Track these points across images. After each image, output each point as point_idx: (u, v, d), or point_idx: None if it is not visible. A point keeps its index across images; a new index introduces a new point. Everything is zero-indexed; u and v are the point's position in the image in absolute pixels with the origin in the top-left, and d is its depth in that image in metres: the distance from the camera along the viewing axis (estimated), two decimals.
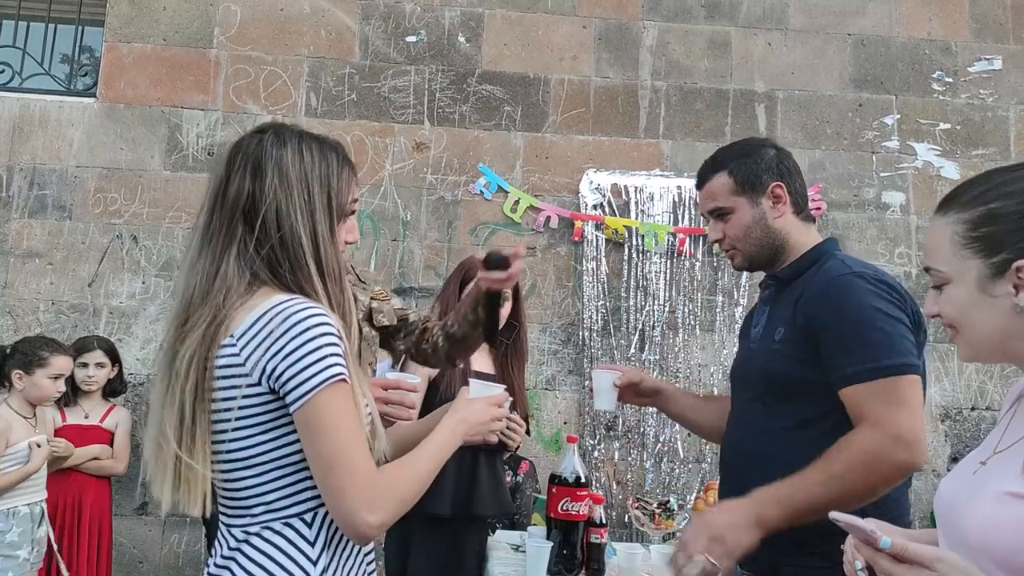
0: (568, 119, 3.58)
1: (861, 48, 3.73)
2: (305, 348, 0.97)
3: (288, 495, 1.03)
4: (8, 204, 3.31)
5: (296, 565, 1.01)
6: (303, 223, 1.06)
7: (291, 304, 0.99)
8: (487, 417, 1.26)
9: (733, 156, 1.56)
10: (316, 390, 0.97)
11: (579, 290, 3.46)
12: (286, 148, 1.09)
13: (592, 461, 3.32)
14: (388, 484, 1.02)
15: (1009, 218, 0.84)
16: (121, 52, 3.43)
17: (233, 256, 1.05)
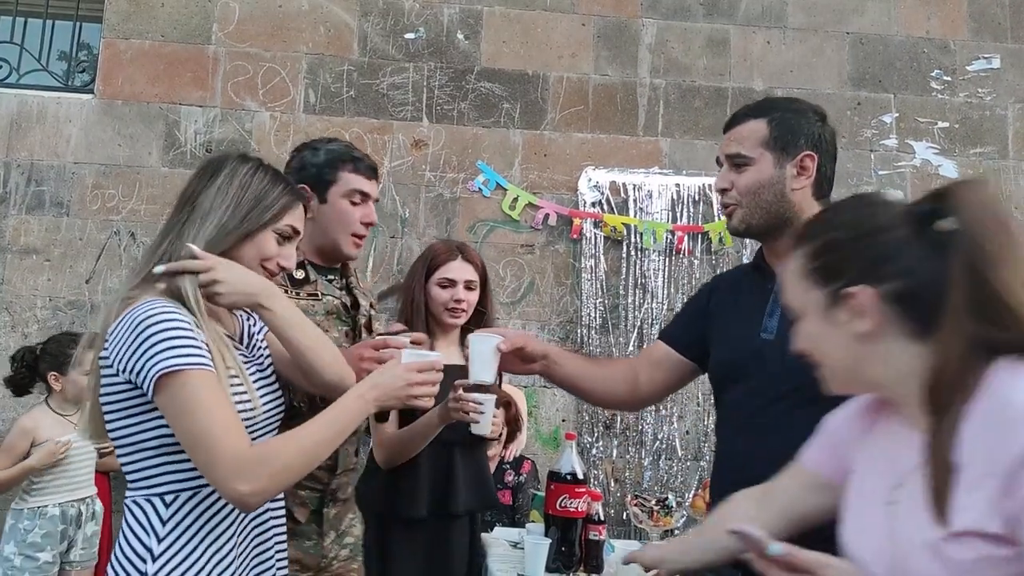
0: (567, 117, 3.58)
1: (860, 47, 3.74)
2: (145, 344, 1.09)
3: (149, 475, 1.15)
4: (5, 200, 3.31)
5: (138, 540, 1.13)
6: (219, 216, 1.20)
7: (141, 306, 1.12)
8: (403, 382, 1.26)
9: (778, 107, 1.42)
10: (155, 379, 1.08)
11: (577, 288, 3.47)
12: (246, 163, 1.25)
13: (590, 459, 3.32)
14: (262, 454, 1.11)
15: (842, 246, 0.86)
16: (119, 48, 3.42)
17: (161, 245, 1.20)
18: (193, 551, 1.14)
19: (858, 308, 0.83)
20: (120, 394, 1.14)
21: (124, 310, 1.13)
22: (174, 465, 1.14)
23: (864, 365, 0.85)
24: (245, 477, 1.07)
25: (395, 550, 1.90)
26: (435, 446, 1.91)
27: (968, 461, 0.74)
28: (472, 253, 2.04)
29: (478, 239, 3.46)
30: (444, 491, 1.92)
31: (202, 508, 1.15)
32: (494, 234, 3.49)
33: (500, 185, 3.50)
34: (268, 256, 1.24)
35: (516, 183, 3.51)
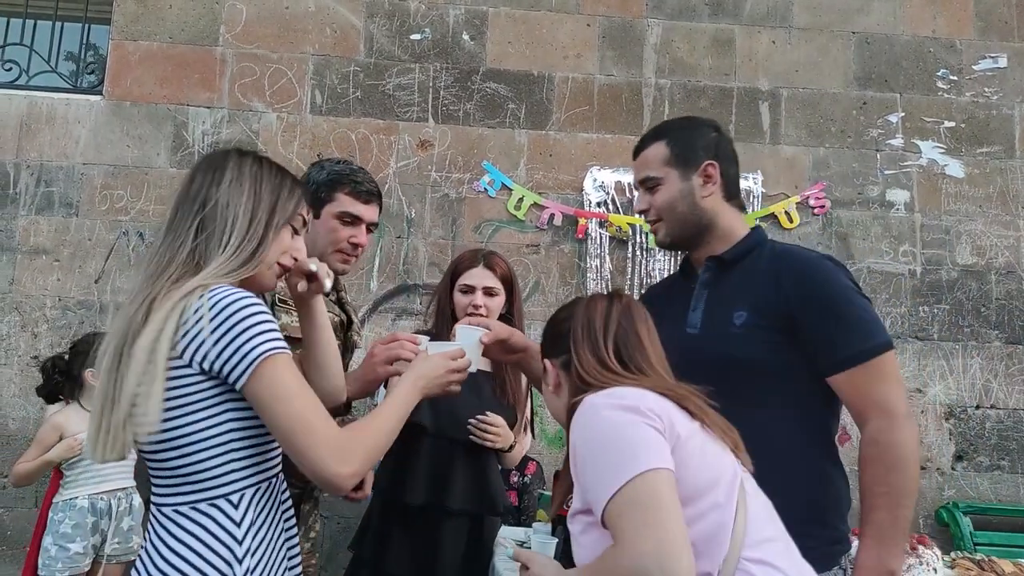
0: (572, 117, 3.59)
1: (865, 46, 3.73)
2: (237, 329, 1.05)
3: (212, 477, 1.10)
4: (15, 201, 3.33)
5: (222, 544, 1.09)
6: (244, 213, 1.18)
7: (216, 293, 1.08)
8: (443, 370, 1.38)
9: (673, 128, 1.56)
10: (255, 364, 1.05)
11: (583, 287, 3.47)
12: (247, 158, 1.25)
13: None
14: (352, 437, 1.13)
15: (547, 332, 1.30)
16: (127, 50, 3.45)
17: (185, 245, 1.17)
18: (267, 547, 1.14)
19: (551, 375, 1.26)
20: (187, 388, 1.08)
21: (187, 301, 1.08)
22: (240, 463, 1.12)
23: (561, 414, 1.23)
24: (346, 459, 1.08)
25: (392, 534, 1.96)
26: (437, 440, 1.97)
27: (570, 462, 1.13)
28: (496, 260, 2.12)
29: (483, 239, 3.47)
30: (442, 485, 1.97)
31: (261, 504, 1.15)
32: (499, 234, 3.50)
33: (505, 185, 3.51)
34: (286, 249, 1.25)
35: (521, 183, 3.52)
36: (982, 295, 3.59)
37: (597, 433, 1.02)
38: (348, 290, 3.31)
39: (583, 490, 1.04)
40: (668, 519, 0.93)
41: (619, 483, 0.96)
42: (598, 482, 0.99)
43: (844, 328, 1.30)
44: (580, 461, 1.04)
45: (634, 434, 1.00)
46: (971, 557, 2.23)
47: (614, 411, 1.03)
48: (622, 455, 0.98)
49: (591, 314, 1.23)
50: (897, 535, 1.25)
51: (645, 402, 1.05)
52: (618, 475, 0.97)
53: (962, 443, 3.50)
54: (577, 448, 1.05)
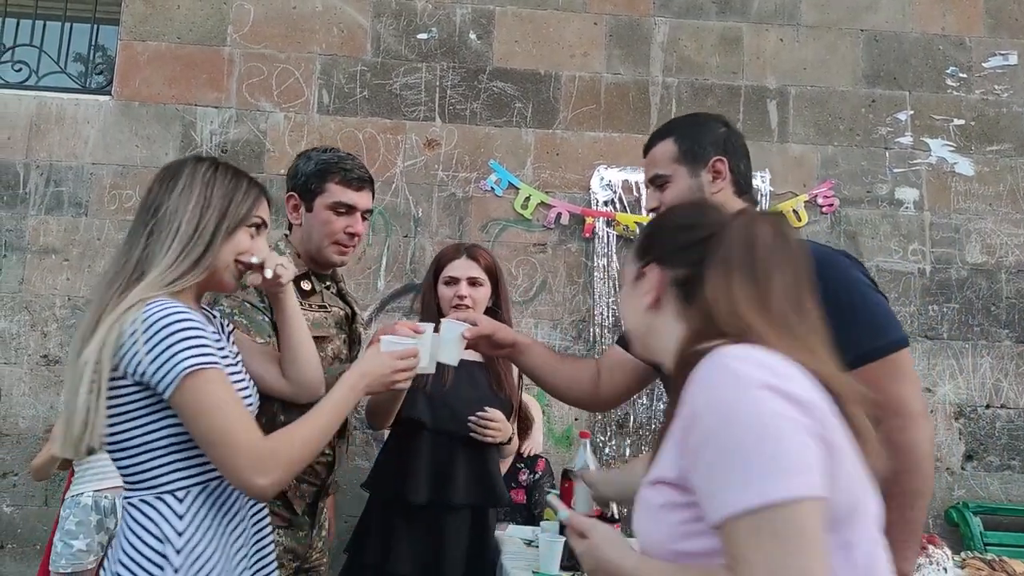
0: (579, 116, 3.58)
1: (874, 44, 3.71)
2: (164, 344, 1.11)
3: (158, 474, 1.17)
4: (25, 201, 3.35)
5: (153, 537, 1.15)
6: (190, 219, 1.21)
7: (152, 306, 1.13)
8: (388, 369, 1.38)
9: (681, 125, 1.55)
10: (179, 378, 1.10)
11: (590, 287, 3.47)
12: (202, 164, 1.28)
13: (603, 458, 3.32)
14: (273, 448, 1.15)
15: (656, 233, 1.05)
16: (136, 50, 3.46)
17: (134, 253, 1.22)
18: (211, 542, 1.17)
19: (650, 283, 1.00)
20: (124, 399, 1.15)
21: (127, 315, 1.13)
22: (183, 462, 1.17)
23: (648, 333, 1.02)
24: (264, 470, 1.13)
25: (397, 534, 1.96)
26: (436, 436, 1.97)
27: (675, 422, 0.88)
28: (479, 252, 2.12)
29: (490, 238, 3.47)
30: (444, 481, 1.97)
31: (211, 501, 1.19)
32: (506, 233, 3.50)
33: (512, 184, 3.51)
34: (243, 250, 1.28)
35: (528, 182, 3.51)
36: (992, 294, 3.56)
37: (741, 416, 0.77)
38: (356, 289, 3.32)
39: (690, 467, 0.81)
40: (812, 566, 0.73)
41: (758, 501, 0.74)
42: (726, 483, 0.76)
43: (858, 324, 1.28)
44: (700, 435, 0.80)
45: (792, 440, 0.76)
46: (982, 557, 2.21)
47: (772, 396, 0.77)
48: (771, 464, 0.75)
49: (756, 232, 0.92)
50: (909, 537, 1.24)
51: (808, 391, 0.80)
52: (760, 489, 0.74)
53: (972, 443, 3.48)
54: (701, 418, 0.80)
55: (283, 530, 1.74)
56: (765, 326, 0.87)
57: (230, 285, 1.30)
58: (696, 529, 0.81)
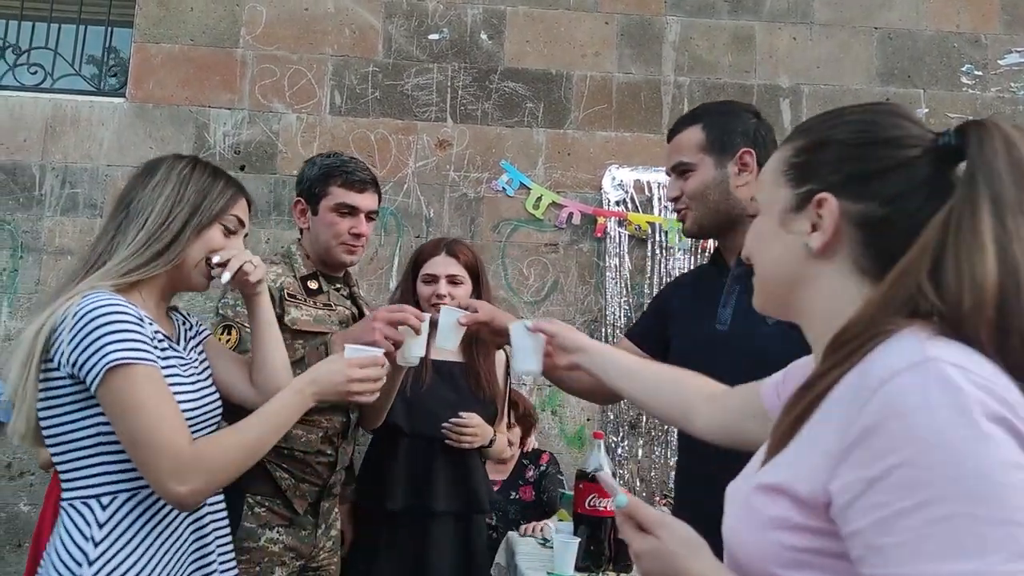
0: (590, 115, 3.57)
1: (888, 42, 3.69)
2: (92, 336, 1.07)
3: (85, 476, 1.12)
4: (41, 202, 3.38)
5: (74, 544, 1.10)
6: (159, 212, 1.19)
7: (87, 298, 1.10)
8: (342, 378, 1.29)
9: (711, 112, 1.48)
10: (103, 372, 1.06)
11: (602, 287, 3.46)
12: (181, 161, 1.26)
13: (616, 458, 3.31)
14: (198, 454, 1.10)
15: (832, 146, 0.74)
16: (150, 52, 3.48)
17: (101, 243, 1.20)
18: (130, 555, 1.12)
19: (820, 219, 0.72)
20: (58, 390, 1.12)
21: (67, 305, 1.11)
22: (111, 466, 1.13)
23: (799, 285, 0.76)
24: (182, 477, 1.08)
25: (380, 542, 1.93)
26: (414, 440, 1.94)
27: (818, 419, 0.67)
28: (459, 248, 2.04)
29: (502, 238, 3.47)
30: (422, 487, 1.92)
31: (140, 510, 1.14)
32: (518, 233, 3.50)
33: (524, 184, 3.51)
34: (215, 248, 1.26)
35: (540, 182, 3.51)
36: None
37: (967, 462, 0.55)
38: (368, 289, 3.33)
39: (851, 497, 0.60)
40: None
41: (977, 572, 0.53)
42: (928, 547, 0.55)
43: None
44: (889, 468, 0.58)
45: (1017, 510, 0.54)
46: None
47: (1005, 436, 0.56)
48: (989, 538, 0.54)
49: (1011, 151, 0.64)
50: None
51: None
52: (964, 567, 0.54)
53: None
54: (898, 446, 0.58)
55: (284, 528, 1.75)
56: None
57: (200, 284, 1.27)
58: (814, 562, 0.64)
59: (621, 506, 0.78)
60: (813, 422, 0.67)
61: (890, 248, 0.69)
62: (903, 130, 0.72)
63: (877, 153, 0.71)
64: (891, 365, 0.60)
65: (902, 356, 0.61)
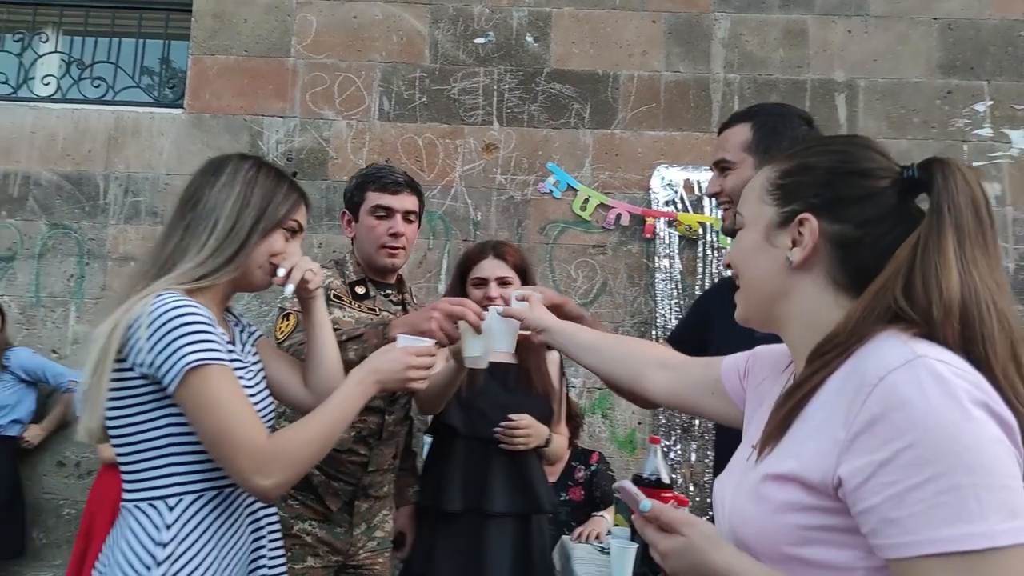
0: (638, 115, 3.54)
1: (949, 32, 3.55)
2: (169, 337, 1.08)
3: (153, 478, 1.13)
4: (105, 211, 3.51)
5: (141, 545, 1.10)
6: (228, 216, 1.20)
7: (160, 300, 1.11)
8: (401, 366, 1.29)
9: (763, 112, 1.46)
10: (182, 372, 1.07)
11: (652, 288, 3.42)
12: (246, 162, 1.27)
13: (668, 462, 3.27)
14: (277, 449, 1.12)
15: (814, 171, 0.83)
16: (205, 64, 3.58)
17: (170, 244, 1.21)
18: (195, 556, 1.12)
19: (800, 236, 0.82)
20: (131, 390, 1.12)
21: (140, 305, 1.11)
22: (179, 467, 1.14)
23: (780, 296, 0.85)
24: (265, 471, 1.10)
25: (438, 543, 1.92)
26: (469, 442, 1.93)
27: (811, 414, 0.76)
28: (506, 249, 2.02)
29: (549, 240, 3.47)
30: (479, 488, 1.91)
31: (205, 512, 1.15)
32: (565, 235, 3.49)
33: (571, 186, 3.49)
34: (276, 252, 1.26)
35: (587, 183, 3.49)
36: None
37: (963, 441, 0.65)
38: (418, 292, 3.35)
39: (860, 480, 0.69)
40: None
41: (966, 545, 0.64)
42: (936, 517, 0.65)
43: None
44: (894, 451, 0.67)
45: (1007, 475, 0.65)
46: None
47: (988, 418, 0.66)
48: (987, 503, 0.64)
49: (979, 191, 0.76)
50: None
51: (1007, 413, 0.68)
52: (969, 530, 0.63)
53: None
54: (900, 432, 0.67)
55: (317, 522, 1.82)
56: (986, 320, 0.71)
57: (260, 285, 1.29)
58: (822, 538, 0.72)
59: (645, 511, 0.82)
60: (810, 416, 0.76)
61: (861, 265, 0.79)
62: (876, 163, 0.81)
63: (854, 182, 0.80)
64: (886, 363, 0.69)
65: (894, 355, 0.70)
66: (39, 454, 3.35)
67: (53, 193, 3.52)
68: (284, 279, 1.26)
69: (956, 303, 0.71)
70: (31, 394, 3.27)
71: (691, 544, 0.78)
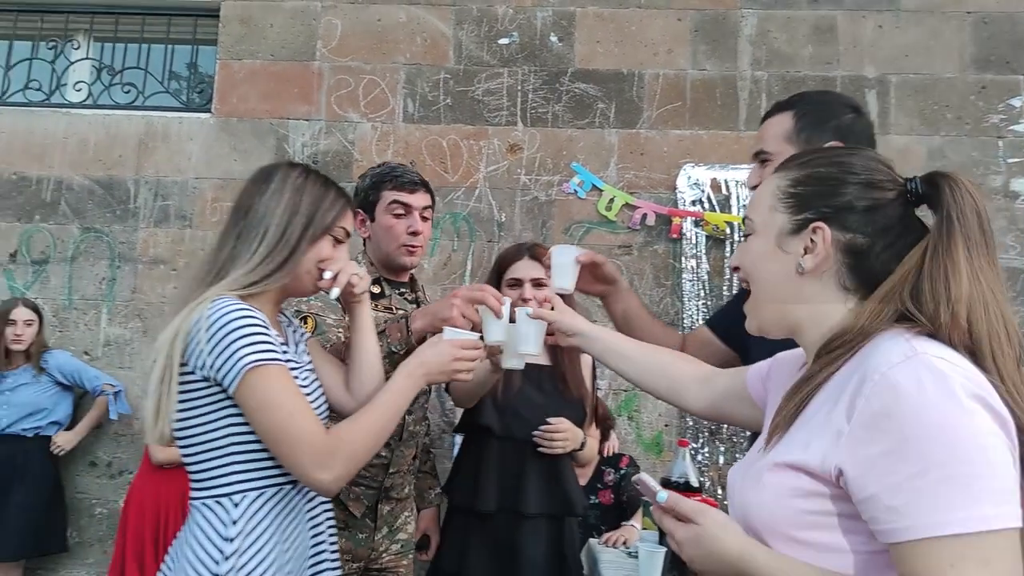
0: (664, 114, 3.51)
1: (983, 26, 3.47)
2: (228, 340, 1.12)
3: (217, 476, 1.18)
4: (136, 215, 3.57)
5: (209, 541, 1.16)
6: (278, 224, 1.24)
7: (217, 305, 1.15)
8: (448, 358, 1.32)
9: (806, 101, 1.39)
10: (242, 373, 1.11)
11: (678, 289, 3.39)
12: (294, 170, 1.31)
13: (696, 465, 3.23)
14: (334, 444, 1.16)
15: (825, 181, 0.87)
16: (233, 69, 3.63)
17: (223, 251, 1.25)
18: (260, 549, 1.17)
19: (813, 244, 0.86)
20: (193, 393, 1.17)
21: (196, 311, 1.16)
22: (242, 465, 1.18)
23: (791, 300, 0.89)
24: (325, 465, 1.14)
25: (471, 542, 1.94)
26: (505, 443, 1.94)
27: (817, 407, 0.81)
28: (541, 250, 2.04)
29: (574, 241, 3.44)
30: (514, 489, 1.92)
31: (268, 507, 1.19)
32: (590, 235, 3.46)
33: (596, 186, 3.47)
34: (324, 258, 1.29)
35: (612, 183, 3.47)
36: None
37: (958, 431, 0.69)
38: (442, 294, 3.36)
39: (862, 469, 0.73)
40: None
41: (977, 527, 0.68)
42: (933, 502, 0.70)
43: None
44: (895, 442, 0.71)
45: (1005, 465, 0.70)
46: None
47: (982, 411, 0.71)
48: (990, 489, 0.69)
49: (981, 204, 0.80)
50: None
51: (1002, 408, 0.72)
52: (978, 514, 0.68)
53: None
54: (900, 424, 0.71)
55: (339, 531, 1.79)
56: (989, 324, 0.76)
57: (308, 290, 1.33)
58: (825, 523, 0.78)
59: (662, 502, 0.87)
60: (815, 409, 0.81)
61: (869, 271, 0.84)
62: (883, 174, 0.86)
63: (864, 193, 0.85)
64: (888, 360, 0.74)
65: (895, 352, 0.74)
66: (71, 455, 3.41)
67: (85, 197, 3.58)
68: (330, 284, 1.29)
69: (965, 307, 0.75)
70: (68, 397, 3.33)
71: (705, 532, 0.83)
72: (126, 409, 3.36)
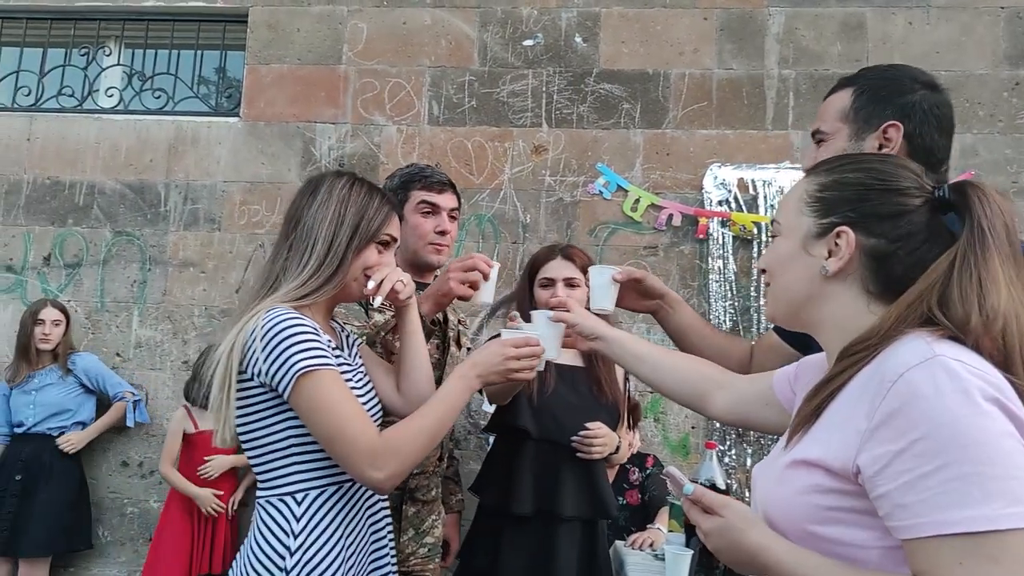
0: (690, 114, 3.48)
1: (1017, 21, 3.40)
2: (281, 347, 1.17)
3: (280, 476, 1.23)
4: (166, 218, 3.63)
5: (275, 537, 1.21)
6: (325, 237, 1.28)
7: (269, 314, 1.20)
8: (499, 358, 1.34)
9: (871, 76, 1.29)
10: (295, 379, 1.16)
11: (705, 290, 3.36)
12: (340, 180, 1.34)
13: (723, 468, 3.20)
14: (388, 443, 1.19)
15: (852, 186, 0.89)
16: (261, 73, 3.67)
17: (276, 263, 1.30)
18: (324, 544, 1.22)
19: (837, 247, 0.88)
20: (253, 399, 1.23)
21: (251, 321, 1.22)
22: (303, 465, 1.23)
23: (813, 301, 0.91)
24: (379, 464, 1.18)
25: (504, 542, 1.94)
26: (540, 445, 1.94)
27: (838, 407, 0.83)
28: (574, 251, 2.07)
29: (599, 242, 3.43)
30: (550, 492, 1.93)
31: (330, 504, 1.24)
32: (616, 236, 3.45)
33: (621, 187, 3.46)
34: (371, 265, 1.33)
35: (638, 184, 3.45)
36: None
37: (973, 432, 0.71)
38: None
39: (878, 467, 0.75)
40: None
41: (988, 526, 0.69)
42: (945, 500, 0.71)
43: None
44: (910, 441, 0.73)
45: (1013, 465, 0.71)
46: None
47: (999, 413, 0.72)
48: (992, 490, 0.70)
49: (1008, 213, 0.82)
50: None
51: (1022, 412, 0.74)
52: (990, 514, 0.70)
53: None
54: (915, 423, 0.73)
55: None
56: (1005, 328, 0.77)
57: (356, 296, 1.37)
58: (842, 518, 0.80)
59: (688, 493, 0.92)
60: (836, 409, 0.83)
61: (893, 276, 0.86)
62: (910, 181, 0.87)
63: (889, 199, 0.86)
64: (906, 361, 0.76)
65: (914, 354, 0.76)
66: (103, 455, 3.47)
67: (117, 201, 3.65)
68: (375, 290, 1.33)
69: (1000, 317, 0.76)
70: (92, 398, 3.38)
71: (728, 524, 0.87)
72: (144, 418, 3.42)
